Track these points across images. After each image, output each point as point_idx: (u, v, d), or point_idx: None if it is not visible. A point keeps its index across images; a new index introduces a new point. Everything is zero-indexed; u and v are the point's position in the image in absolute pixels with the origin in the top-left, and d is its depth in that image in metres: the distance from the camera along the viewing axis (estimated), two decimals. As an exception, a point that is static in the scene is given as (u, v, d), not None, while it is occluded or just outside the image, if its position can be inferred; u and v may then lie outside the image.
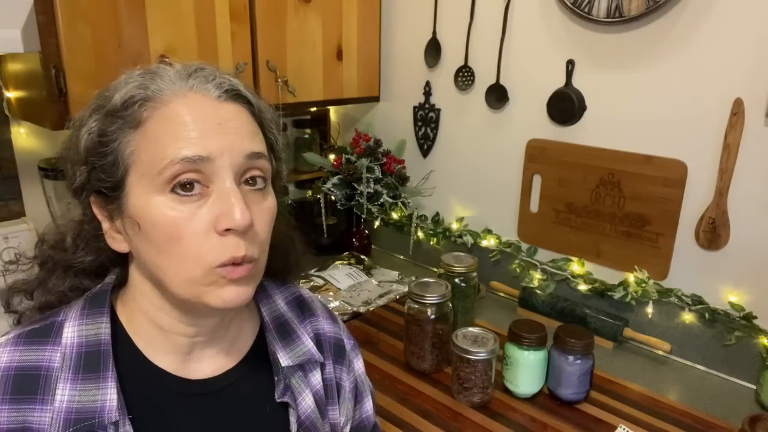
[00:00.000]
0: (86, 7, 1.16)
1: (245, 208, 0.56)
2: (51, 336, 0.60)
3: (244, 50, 1.45)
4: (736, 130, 1.16)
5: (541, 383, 1.14)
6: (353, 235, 1.84)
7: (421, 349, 1.21)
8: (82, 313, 0.62)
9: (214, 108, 0.58)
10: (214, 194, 0.56)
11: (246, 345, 0.70)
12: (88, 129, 0.58)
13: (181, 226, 0.55)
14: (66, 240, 0.66)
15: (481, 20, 1.56)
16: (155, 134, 0.56)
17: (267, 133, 0.64)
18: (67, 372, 0.58)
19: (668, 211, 1.29)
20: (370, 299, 1.53)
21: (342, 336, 0.79)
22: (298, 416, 0.68)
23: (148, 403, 0.61)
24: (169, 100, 0.57)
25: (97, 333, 0.60)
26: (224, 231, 0.55)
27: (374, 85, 1.82)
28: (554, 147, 1.46)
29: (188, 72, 0.60)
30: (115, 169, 0.57)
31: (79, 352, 0.59)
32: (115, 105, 0.57)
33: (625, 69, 1.31)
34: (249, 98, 0.61)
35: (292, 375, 0.70)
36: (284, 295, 0.76)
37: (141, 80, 0.58)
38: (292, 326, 0.73)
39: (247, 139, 0.59)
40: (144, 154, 0.56)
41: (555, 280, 1.49)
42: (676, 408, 1.12)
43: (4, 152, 1.43)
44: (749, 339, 1.20)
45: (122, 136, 0.57)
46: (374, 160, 1.72)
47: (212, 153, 0.55)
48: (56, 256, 0.66)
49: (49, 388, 0.57)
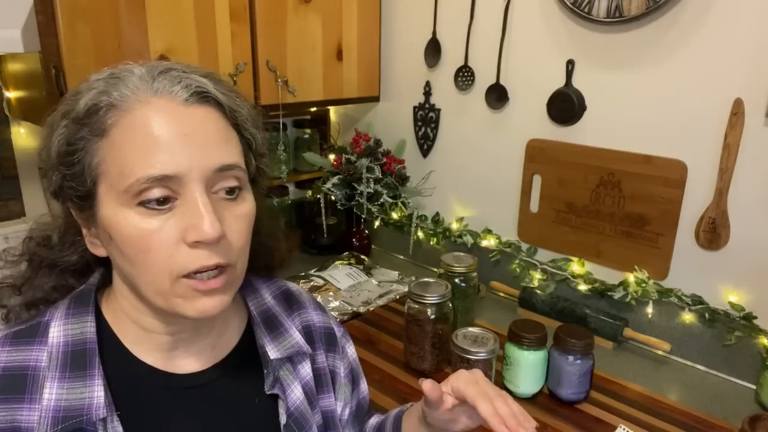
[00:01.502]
0: (86, 7, 1.16)
1: (215, 219, 0.54)
2: (37, 336, 0.60)
3: (244, 50, 1.45)
4: (736, 130, 1.16)
5: (541, 383, 1.14)
6: (353, 235, 1.84)
7: (421, 349, 1.21)
8: (67, 312, 0.62)
9: (180, 115, 0.55)
10: (183, 206, 0.55)
11: (233, 339, 0.70)
12: (58, 134, 0.57)
13: (149, 238, 0.54)
14: (53, 238, 0.66)
15: (481, 20, 1.56)
16: (120, 145, 0.54)
17: (243, 132, 0.61)
18: (54, 371, 0.58)
19: (668, 211, 1.29)
20: (370, 299, 1.53)
21: (331, 325, 0.80)
22: (287, 407, 0.69)
23: (136, 399, 0.62)
24: (133, 107, 0.55)
25: (82, 332, 0.61)
26: (194, 243, 0.55)
27: (374, 85, 1.82)
28: (554, 147, 1.46)
29: (153, 75, 0.57)
30: (83, 179, 0.56)
31: (65, 350, 0.59)
32: (80, 112, 0.55)
33: (625, 69, 1.31)
34: (219, 99, 0.58)
35: (281, 367, 0.70)
36: (271, 290, 0.77)
37: (104, 86, 0.56)
38: (279, 320, 0.73)
39: (215, 150, 0.56)
40: (111, 167, 0.55)
41: (555, 280, 1.49)
42: (676, 408, 1.12)
43: (4, 152, 1.43)
44: (749, 339, 1.20)
45: (88, 145, 0.55)
46: (374, 160, 1.72)
47: (179, 170, 0.54)
48: (42, 253, 0.66)
49: (37, 387, 0.57)
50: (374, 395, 1.14)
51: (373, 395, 1.14)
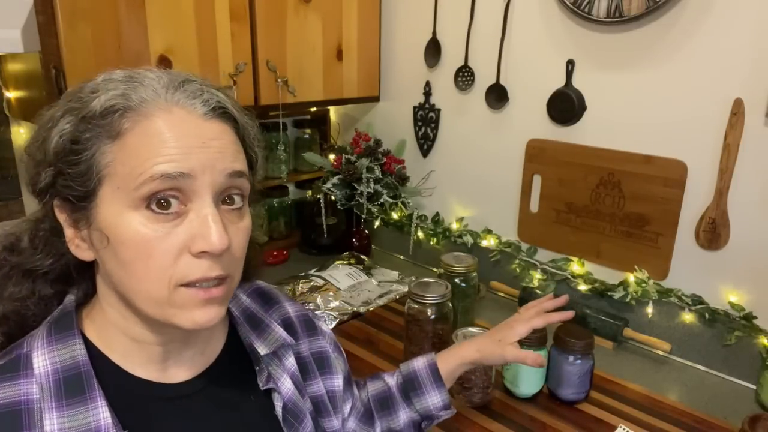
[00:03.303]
0: (86, 7, 1.16)
1: (223, 231, 0.54)
2: (20, 369, 0.57)
3: (244, 50, 1.45)
4: (736, 130, 1.16)
5: (541, 383, 1.14)
6: (353, 235, 1.84)
7: (421, 349, 1.21)
8: (48, 339, 0.59)
9: (198, 126, 0.56)
10: (191, 213, 0.55)
11: (220, 342, 0.71)
12: (59, 131, 0.55)
13: (152, 244, 0.53)
14: (22, 241, 0.62)
15: (481, 20, 1.56)
16: (135, 148, 0.54)
17: (248, 150, 0.62)
18: (49, 401, 0.55)
19: (668, 211, 1.29)
20: (370, 299, 1.53)
21: (306, 312, 0.83)
22: (282, 399, 0.70)
23: (138, 414, 0.61)
24: (152, 113, 0.54)
25: (72, 356, 0.58)
26: (200, 253, 0.54)
27: (374, 85, 1.82)
28: (554, 147, 1.46)
29: (174, 85, 0.57)
30: (87, 178, 0.55)
31: (56, 379, 0.57)
32: (93, 111, 0.54)
33: (625, 69, 1.31)
34: (235, 116, 0.60)
35: (270, 362, 0.72)
36: (243, 289, 0.78)
37: (123, 88, 0.55)
38: (259, 317, 0.75)
39: (230, 158, 0.57)
40: (120, 167, 0.54)
41: (555, 280, 1.49)
42: (676, 408, 1.12)
43: (4, 152, 1.43)
44: (749, 339, 1.20)
45: (98, 146, 0.54)
46: (374, 160, 1.72)
47: (194, 170, 0.54)
48: (12, 259, 0.62)
49: (35, 421, 0.55)
50: (374, 395, 1.14)
51: (373, 395, 1.14)
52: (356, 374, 1.20)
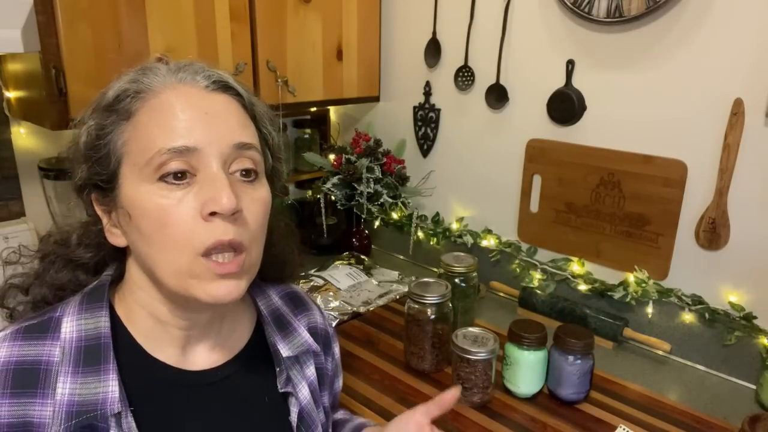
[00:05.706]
0: (86, 7, 1.16)
1: (231, 192, 0.56)
2: (49, 331, 0.60)
3: (244, 50, 1.45)
4: (736, 130, 1.16)
5: (541, 383, 1.14)
6: (353, 235, 1.84)
7: (421, 349, 1.21)
8: (80, 308, 0.62)
9: (202, 98, 0.59)
10: (202, 181, 0.57)
11: (243, 338, 0.71)
12: (87, 126, 0.60)
13: (168, 212, 0.56)
14: (71, 238, 0.68)
15: (481, 20, 1.56)
16: (145, 124, 0.58)
17: (260, 127, 0.65)
18: (67, 366, 0.58)
19: (668, 211, 1.29)
20: (370, 299, 1.53)
21: (328, 328, 0.83)
22: (299, 405, 0.70)
23: (149, 394, 0.62)
24: (159, 91, 0.59)
25: (96, 326, 0.61)
26: (210, 215, 0.56)
27: (374, 85, 1.82)
28: (554, 147, 1.46)
29: (178, 66, 0.62)
30: (108, 160, 0.59)
31: (78, 345, 0.60)
32: (109, 99, 0.60)
33: (625, 69, 1.31)
34: (238, 90, 0.63)
35: (291, 366, 0.72)
36: (276, 290, 0.78)
37: (134, 75, 0.61)
38: (287, 319, 0.75)
39: (236, 129, 0.60)
40: (134, 145, 0.58)
41: (555, 280, 1.49)
42: (676, 408, 1.12)
43: (4, 152, 1.43)
44: (749, 339, 1.20)
45: (116, 128, 0.59)
46: (374, 160, 1.72)
47: (199, 143, 0.57)
48: (59, 251, 0.68)
49: (50, 382, 0.57)
50: (374, 395, 1.14)
51: (373, 395, 1.14)
52: (356, 374, 1.21)
